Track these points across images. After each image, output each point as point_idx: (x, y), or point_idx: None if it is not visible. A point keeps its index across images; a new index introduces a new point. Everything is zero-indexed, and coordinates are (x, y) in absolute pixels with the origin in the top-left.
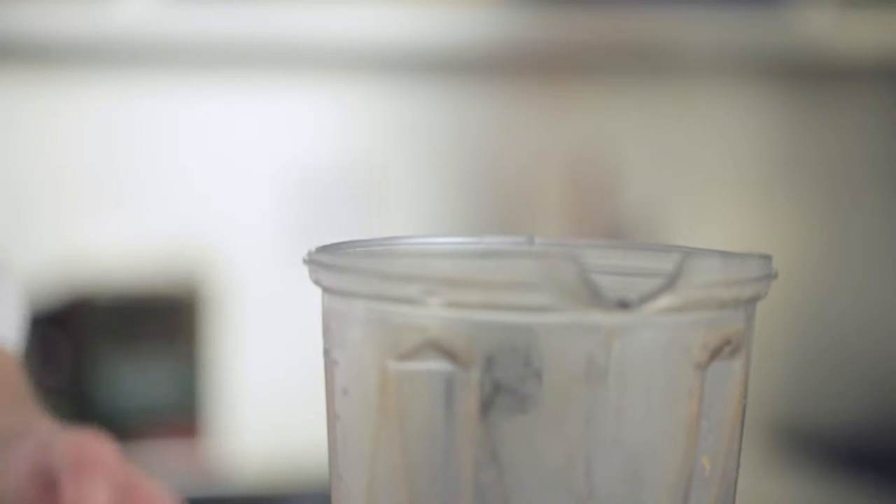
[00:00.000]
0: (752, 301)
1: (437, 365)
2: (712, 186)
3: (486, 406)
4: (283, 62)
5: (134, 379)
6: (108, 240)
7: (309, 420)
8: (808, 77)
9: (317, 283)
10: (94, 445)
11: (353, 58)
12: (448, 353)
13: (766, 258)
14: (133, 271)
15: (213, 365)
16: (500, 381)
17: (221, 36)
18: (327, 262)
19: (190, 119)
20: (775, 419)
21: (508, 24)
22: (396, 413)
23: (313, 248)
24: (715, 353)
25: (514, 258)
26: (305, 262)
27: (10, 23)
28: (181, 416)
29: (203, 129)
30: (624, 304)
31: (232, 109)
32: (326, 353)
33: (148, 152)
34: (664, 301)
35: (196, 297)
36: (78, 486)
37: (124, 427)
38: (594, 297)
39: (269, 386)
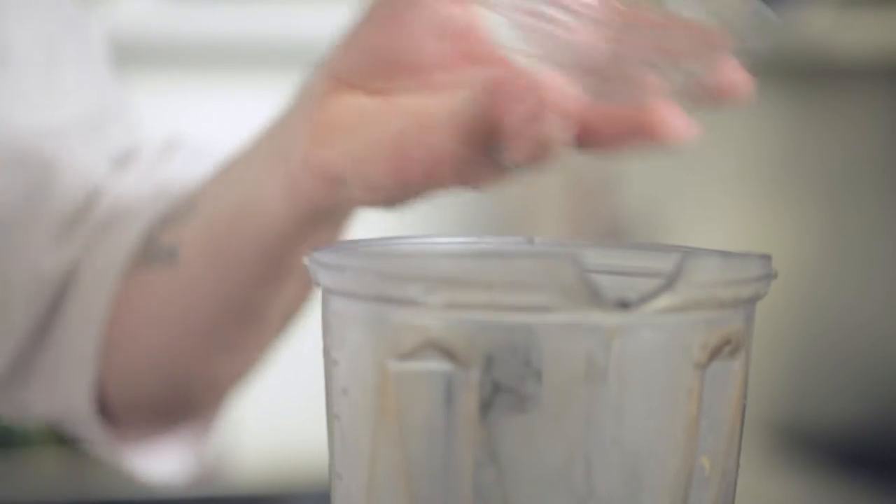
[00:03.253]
0: (752, 301)
1: (437, 365)
2: (712, 186)
3: (486, 406)
4: (283, 62)
5: None
6: None
7: (309, 420)
8: (808, 77)
9: (317, 282)
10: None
11: None
12: (448, 353)
13: (766, 258)
14: None
15: None
16: (500, 381)
17: (221, 35)
18: (327, 261)
19: (190, 119)
20: (775, 419)
21: None
22: (396, 413)
23: (313, 248)
24: (715, 353)
25: (514, 258)
26: (305, 261)
27: None
28: None
29: (203, 128)
30: (624, 304)
31: (232, 109)
32: (326, 352)
33: None
34: (664, 301)
35: None
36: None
37: None
38: (594, 297)
39: (268, 385)
